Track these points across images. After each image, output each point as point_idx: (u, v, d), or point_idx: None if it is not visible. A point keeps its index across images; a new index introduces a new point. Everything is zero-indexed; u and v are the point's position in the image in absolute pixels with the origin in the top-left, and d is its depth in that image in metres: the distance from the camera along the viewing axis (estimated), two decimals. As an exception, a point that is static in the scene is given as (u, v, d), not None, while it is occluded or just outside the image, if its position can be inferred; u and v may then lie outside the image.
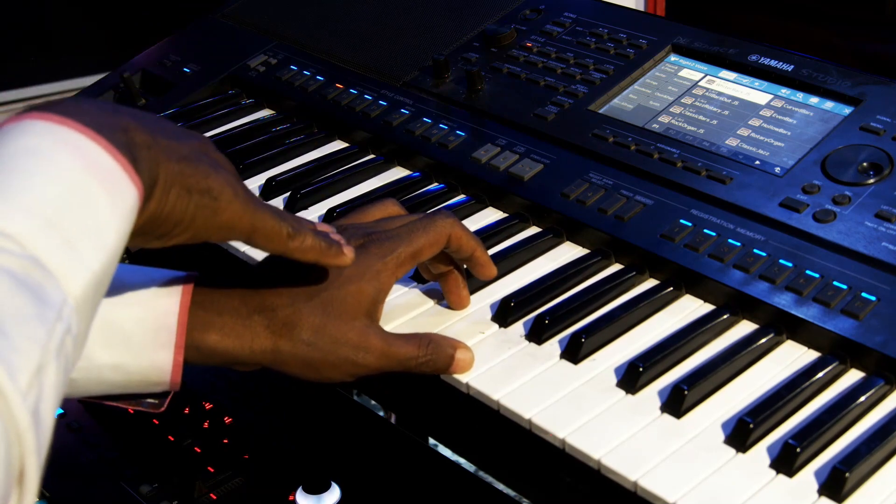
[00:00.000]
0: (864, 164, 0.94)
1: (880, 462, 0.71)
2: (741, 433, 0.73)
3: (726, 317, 0.85)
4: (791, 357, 0.82)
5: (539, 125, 1.08)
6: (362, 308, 0.78)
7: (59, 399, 0.52)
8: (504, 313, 0.87)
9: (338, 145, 1.18)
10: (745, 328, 0.85)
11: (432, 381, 0.83)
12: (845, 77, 1.03)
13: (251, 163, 1.14)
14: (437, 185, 1.08)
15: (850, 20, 1.72)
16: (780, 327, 0.83)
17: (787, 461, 0.70)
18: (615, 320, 0.84)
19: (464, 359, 0.81)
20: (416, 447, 0.97)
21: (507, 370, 0.81)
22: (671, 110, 1.06)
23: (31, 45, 2.13)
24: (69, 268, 0.54)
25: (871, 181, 0.92)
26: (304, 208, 1.06)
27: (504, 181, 1.03)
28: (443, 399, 0.83)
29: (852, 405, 0.75)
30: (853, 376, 0.79)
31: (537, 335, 0.84)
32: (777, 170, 0.96)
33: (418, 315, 0.88)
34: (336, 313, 0.77)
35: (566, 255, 0.96)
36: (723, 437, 0.74)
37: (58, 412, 0.54)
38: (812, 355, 0.82)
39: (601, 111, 1.08)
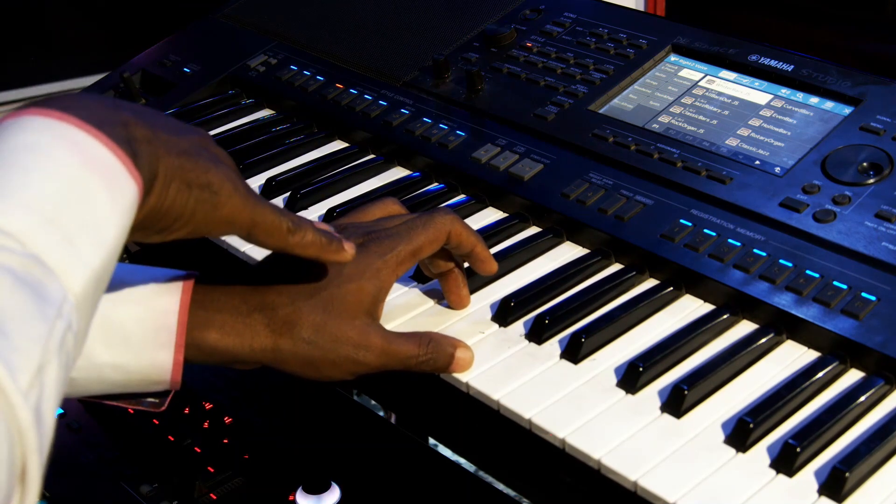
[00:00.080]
0: (864, 164, 0.94)
1: (880, 462, 0.71)
2: (741, 433, 0.73)
3: (726, 317, 0.85)
4: (791, 357, 0.82)
5: (539, 125, 1.08)
6: (363, 306, 0.78)
7: (61, 396, 0.52)
8: (504, 313, 0.87)
9: (338, 145, 1.18)
10: (745, 328, 0.85)
11: (432, 381, 0.83)
12: (845, 77, 1.03)
13: (251, 163, 1.14)
14: (437, 185, 1.08)
15: (850, 20, 1.72)
16: (780, 327, 0.83)
17: (787, 461, 0.70)
18: (615, 320, 0.84)
19: (464, 358, 0.81)
20: (416, 447, 0.97)
21: (507, 370, 0.81)
22: (671, 110, 1.06)
23: (31, 45, 2.13)
24: (69, 264, 0.54)
25: (871, 181, 0.92)
26: (304, 208, 1.06)
27: (504, 181, 1.03)
28: (443, 399, 0.83)
29: (852, 405, 0.75)
30: (853, 376, 0.79)
31: (537, 335, 0.84)
32: (777, 170, 0.96)
33: (418, 315, 0.88)
34: (336, 311, 0.77)
35: (566, 255, 0.96)
36: (723, 436, 0.74)
37: (58, 412, 0.54)
38: (812, 355, 0.82)
39: (601, 111, 1.08)
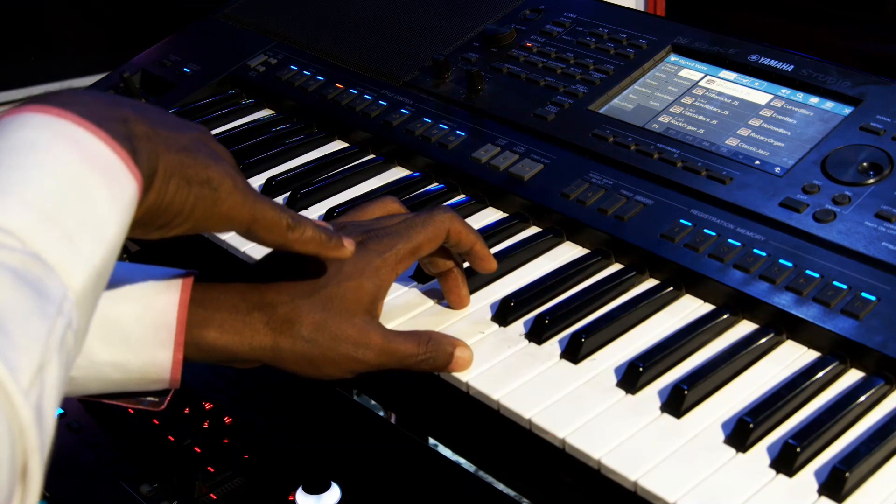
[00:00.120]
0: (864, 164, 0.94)
1: (880, 462, 0.71)
2: (741, 433, 0.73)
3: (726, 317, 0.85)
4: (791, 357, 0.82)
5: (539, 125, 1.08)
6: (362, 305, 0.78)
7: (61, 395, 0.52)
8: (504, 313, 0.87)
9: (338, 145, 1.18)
10: (745, 328, 0.85)
11: (432, 381, 0.83)
12: (845, 77, 1.03)
13: (251, 163, 1.14)
14: (437, 185, 1.08)
15: (850, 20, 1.72)
16: (780, 327, 0.83)
17: (787, 461, 0.70)
18: (615, 320, 0.84)
19: (463, 357, 0.81)
20: (416, 447, 0.97)
21: (507, 370, 0.81)
22: (671, 110, 1.06)
23: (31, 45, 2.13)
24: (69, 262, 0.54)
25: (871, 181, 0.92)
26: (304, 208, 1.06)
27: (504, 181, 1.03)
28: (443, 399, 0.83)
29: (852, 405, 0.75)
30: (853, 376, 0.79)
31: (537, 335, 0.84)
32: (777, 170, 0.96)
33: (418, 314, 0.88)
34: (336, 310, 0.77)
35: (566, 255, 0.96)
36: (723, 436, 0.74)
37: (58, 412, 0.54)
38: (812, 355, 0.82)
39: (601, 111, 1.08)
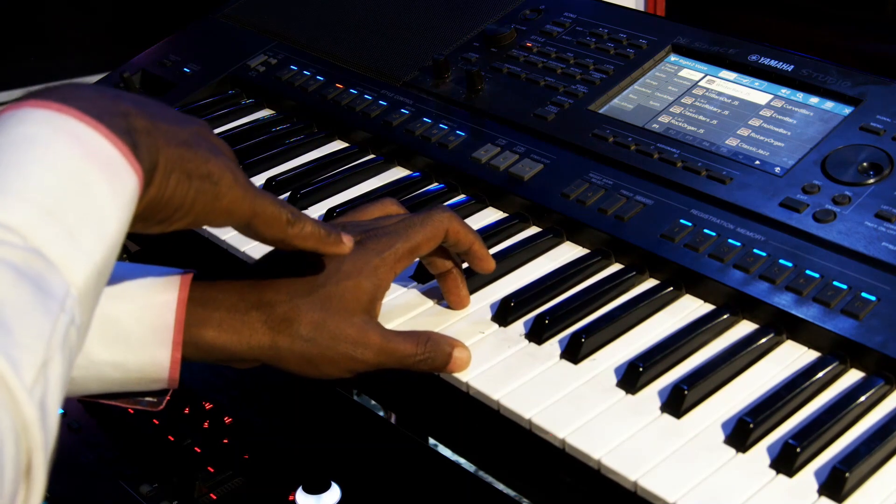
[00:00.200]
0: (864, 164, 0.94)
1: (880, 462, 0.71)
2: (741, 433, 0.73)
3: (726, 317, 0.85)
4: (791, 357, 0.82)
5: (539, 125, 1.08)
6: (360, 304, 0.78)
7: (64, 391, 0.52)
8: (504, 313, 0.87)
9: (338, 145, 1.18)
10: (745, 328, 0.85)
11: (432, 381, 0.83)
12: (845, 77, 1.03)
13: (251, 163, 1.14)
14: (437, 185, 1.08)
15: (850, 20, 1.72)
16: (780, 327, 0.83)
17: (787, 461, 0.70)
18: (615, 320, 0.84)
19: (461, 357, 0.80)
20: (416, 447, 0.97)
21: (507, 370, 0.81)
22: (671, 110, 1.06)
23: (31, 44, 2.13)
24: (71, 258, 0.54)
25: (871, 181, 0.92)
26: (305, 208, 1.05)
27: (504, 181, 1.03)
28: (443, 399, 0.83)
29: (852, 405, 0.75)
30: (853, 376, 0.79)
31: (537, 335, 0.84)
32: (777, 170, 0.96)
33: (418, 315, 0.88)
34: (334, 309, 0.76)
35: (566, 255, 0.96)
36: (723, 437, 0.74)
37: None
38: (812, 355, 0.82)
39: (601, 111, 1.08)
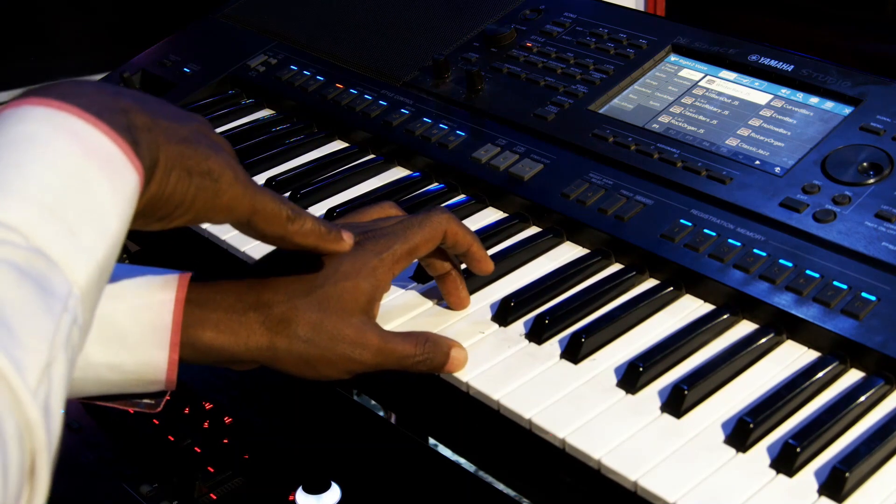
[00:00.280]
0: (864, 164, 0.94)
1: (880, 462, 0.71)
2: (741, 433, 0.73)
3: (726, 317, 0.85)
4: (791, 357, 0.82)
5: (539, 125, 1.08)
6: (359, 305, 0.78)
7: (66, 391, 0.52)
8: (504, 313, 0.87)
9: (338, 145, 1.18)
10: (745, 328, 0.85)
11: (432, 381, 0.83)
12: (845, 77, 1.03)
13: (251, 163, 1.14)
14: (437, 185, 1.08)
15: (850, 20, 1.72)
16: (780, 327, 0.83)
17: (787, 461, 0.70)
18: (615, 320, 0.84)
19: (458, 357, 0.80)
20: (416, 447, 0.97)
21: (507, 370, 0.81)
22: (671, 110, 1.06)
23: (31, 44, 2.13)
24: (72, 257, 0.53)
25: (871, 181, 0.92)
26: (305, 208, 1.05)
27: (504, 181, 1.03)
28: (443, 399, 0.83)
29: (852, 405, 0.75)
30: (853, 376, 0.79)
31: (537, 335, 0.84)
32: (777, 170, 0.96)
33: (418, 315, 0.88)
34: (333, 309, 0.76)
35: (566, 255, 0.96)
36: (723, 436, 0.74)
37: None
38: (812, 355, 0.82)
39: (601, 111, 1.08)
